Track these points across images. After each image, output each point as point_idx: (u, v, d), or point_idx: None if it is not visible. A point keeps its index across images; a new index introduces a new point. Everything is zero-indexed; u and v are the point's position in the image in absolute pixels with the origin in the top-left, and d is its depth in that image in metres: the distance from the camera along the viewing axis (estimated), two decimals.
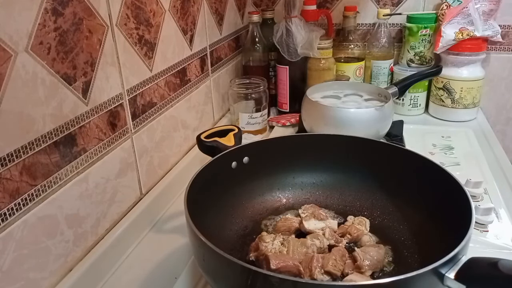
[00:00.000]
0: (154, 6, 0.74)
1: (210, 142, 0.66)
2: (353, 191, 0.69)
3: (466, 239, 0.44)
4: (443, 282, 0.41)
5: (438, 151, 0.92)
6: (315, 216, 0.62)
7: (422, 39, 1.08)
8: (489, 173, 0.82)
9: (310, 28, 1.05)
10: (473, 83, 1.05)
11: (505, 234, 0.66)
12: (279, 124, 1.07)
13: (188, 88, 0.89)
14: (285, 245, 0.58)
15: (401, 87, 0.94)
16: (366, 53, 1.13)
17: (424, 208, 0.59)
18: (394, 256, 0.57)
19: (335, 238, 0.59)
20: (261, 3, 1.24)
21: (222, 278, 0.46)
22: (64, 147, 0.55)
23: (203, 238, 0.44)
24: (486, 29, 1.04)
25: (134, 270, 0.64)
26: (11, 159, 0.47)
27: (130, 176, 0.70)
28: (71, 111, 0.56)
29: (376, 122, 0.85)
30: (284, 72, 1.09)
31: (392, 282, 0.39)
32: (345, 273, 0.53)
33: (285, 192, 0.71)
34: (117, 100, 0.66)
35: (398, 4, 1.15)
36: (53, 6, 0.51)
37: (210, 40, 0.98)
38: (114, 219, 0.67)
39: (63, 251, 0.56)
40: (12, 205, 0.48)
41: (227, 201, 0.64)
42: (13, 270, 0.48)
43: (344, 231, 0.61)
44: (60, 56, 0.53)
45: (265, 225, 0.65)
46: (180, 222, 0.74)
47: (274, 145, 0.70)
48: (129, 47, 0.68)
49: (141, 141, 0.73)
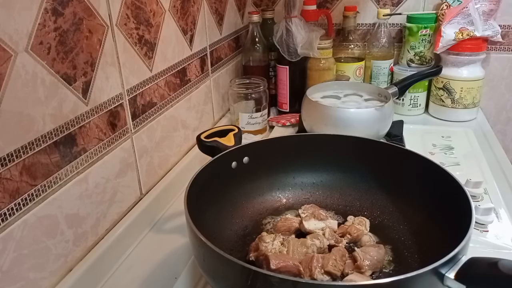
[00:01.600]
0: (154, 6, 0.74)
1: (210, 142, 0.66)
2: (353, 191, 0.69)
3: (466, 239, 0.44)
4: (443, 282, 0.41)
5: (438, 151, 0.92)
6: (315, 216, 0.62)
7: (422, 39, 1.08)
8: (489, 173, 0.82)
9: (310, 28, 1.05)
10: (473, 83, 1.05)
11: (505, 234, 0.66)
12: (279, 124, 1.07)
13: (188, 88, 0.89)
14: (285, 245, 0.58)
15: (401, 87, 0.94)
16: (366, 53, 1.13)
17: (424, 208, 0.59)
18: (394, 256, 0.57)
19: (335, 238, 0.60)
20: (261, 3, 1.24)
21: (222, 278, 0.46)
22: (64, 147, 0.55)
23: (203, 238, 0.45)
24: (486, 29, 1.04)
25: (134, 270, 0.64)
26: (11, 159, 0.47)
27: (130, 176, 0.70)
28: (71, 111, 0.56)
29: (376, 122, 0.85)
30: (284, 72, 1.09)
31: (392, 282, 0.39)
32: (345, 273, 0.53)
33: (285, 192, 0.71)
34: (117, 100, 0.66)
35: (398, 4, 1.15)
36: (53, 6, 0.51)
37: (210, 40, 0.98)
38: (114, 219, 0.67)
39: (63, 251, 0.56)
40: (12, 205, 0.48)
41: (227, 201, 0.64)
42: (13, 270, 0.48)
43: (344, 231, 0.61)
44: (60, 56, 0.53)
45: (265, 225, 0.65)
46: (180, 222, 0.74)
47: (274, 145, 0.70)
48: (129, 47, 0.68)
49: (141, 141, 0.73)
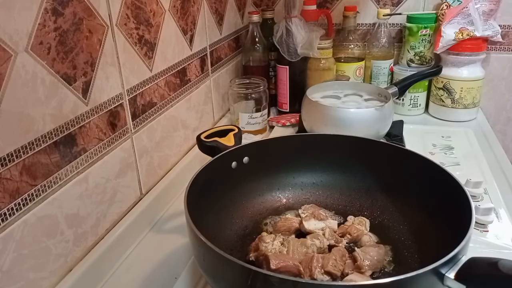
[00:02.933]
0: (154, 6, 0.74)
1: (210, 142, 0.66)
2: (353, 191, 0.69)
3: (466, 239, 0.44)
4: (443, 282, 0.41)
5: (438, 151, 0.91)
6: (315, 216, 0.62)
7: (422, 39, 1.08)
8: (489, 173, 0.82)
9: (310, 28, 1.05)
10: (473, 83, 1.05)
11: (505, 234, 0.66)
12: (279, 124, 1.07)
13: (188, 88, 0.89)
14: (285, 245, 0.58)
15: (401, 87, 0.94)
16: (366, 53, 1.13)
17: (424, 208, 0.59)
18: (394, 256, 0.57)
19: (335, 238, 0.60)
20: (261, 3, 1.24)
21: (222, 278, 0.47)
22: (64, 147, 0.55)
23: (203, 238, 0.44)
24: (486, 29, 1.04)
25: (134, 270, 0.64)
26: (11, 159, 0.47)
27: (130, 176, 0.70)
28: (71, 111, 0.56)
29: (376, 122, 0.85)
30: (284, 72, 1.09)
31: (392, 282, 0.39)
32: (345, 273, 0.53)
33: (285, 192, 0.71)
34: (117, 100, 0.66)
35: (398, 4, 1.15)
36: (53, 6, 0.51)
37: (210, 40, 0.98)
38: (114, 219, 0.67)
39: (63, 251, 0.56)
40: (12, 205, 0.48)
41: (227, 201, 0.64)
42: (13, 270, 0.48)
43: (344, 231, 0.61)
44: (60, 56, 0.53)
45: (265, 225, 0.65)
46: (180, 222, 0.74)
47: (274, 145, 0.70)
48: (129, 47, 0.68)
49: (141, 141, 0.73)
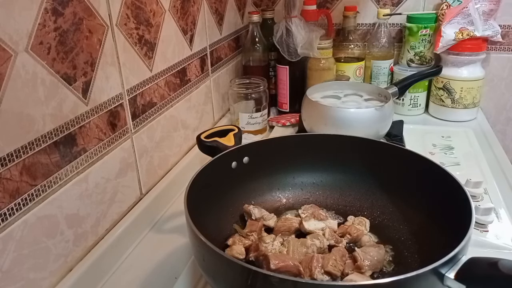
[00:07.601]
0: (154, 6, 0.74)
1: (210, 142, 0.66)
2: (353, 191, 0.69)
3: (466, 239, 0.44)
4: (443, 282, 0.41)
5: (438, 151, 0.91)
6: (315, 216, 0.62)
7: (422, 39, 1.08)
8: (489, 173, 0.82)
9: (310, 28, 1.05)
10: (473, 83, 1.05)
11: (505, 234, 0.66)
12: (279, 124, 1.07)
13: (188, 88, 0.89)
14: (285, 245, 0.58)
15: (401, 87, 0.94)
16: (366, 53, 1.13)
17: (424, 208, 0.59)
18: (394, 256, 0.57)
19: (335, 238, 0.60)
20: (261, 3, 1.24)
21: (222, 278, 0.47)
22: (64, 147, 0.55)
23: (203, 238, 0.45)
24: (486, 29, 1.04)
25: (134, 270, 0.64)
26: (11, 159, 0.47)
27: (130, 176, 0.70)
28: (71, 111, 0.56)
29: (376, 122, 0.85)
30: (284, 72, 1.09)
31: (392, 282, 0.39)
32: (345, 273, 0.53)
33: (285, 192, 0.71)
34: (117, 100, 0.66)
35: (398, 4, 1.15)
36: (53, 6, 0.51)
37: (210, 40, 0.98)
38: (114, 219, 0.67)
39: (63, 251, 0.56)
40: (12, 205, 0.48)
41: (227, 201, 0.64)
42: (13, 270, 0.48)
43: (344, 231, 0.61)
44: (60, 56, 0.53)
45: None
46: (180, 222, 0.74)
47: (274, 145, 0.70)
48: (129, 47, 0.68)
49: (141, 141, 0.73)
